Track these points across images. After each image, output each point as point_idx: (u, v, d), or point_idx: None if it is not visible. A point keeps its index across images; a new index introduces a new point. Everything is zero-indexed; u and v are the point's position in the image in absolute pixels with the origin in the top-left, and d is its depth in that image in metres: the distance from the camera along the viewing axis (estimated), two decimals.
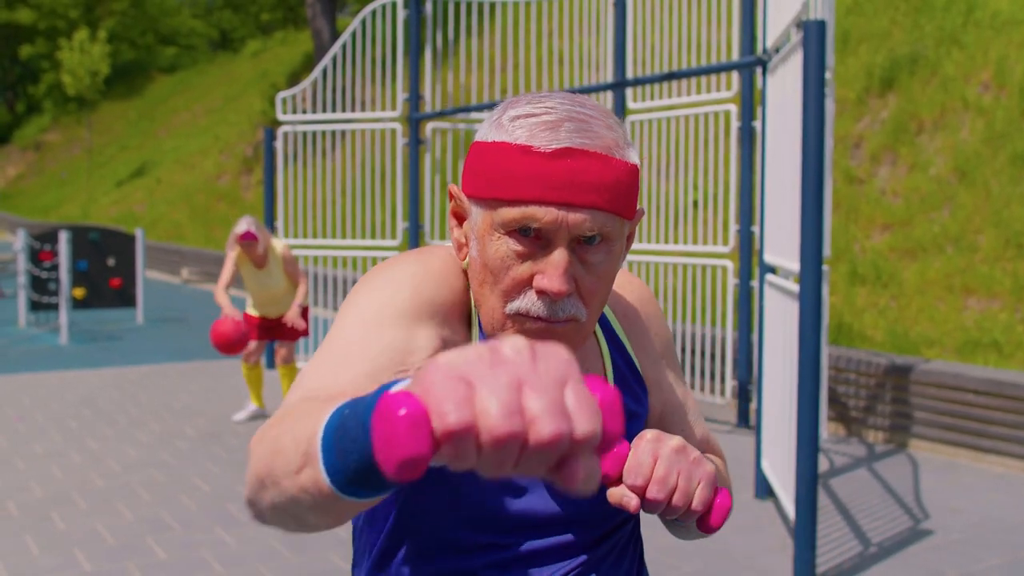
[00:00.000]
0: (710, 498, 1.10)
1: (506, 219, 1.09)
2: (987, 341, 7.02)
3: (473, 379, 0.67)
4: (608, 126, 1.11)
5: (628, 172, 1.11)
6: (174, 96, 35.50)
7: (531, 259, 1.10)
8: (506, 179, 1.08)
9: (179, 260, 19.18)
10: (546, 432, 0.66)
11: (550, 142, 1.07)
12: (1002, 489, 5.45)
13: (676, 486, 1.07)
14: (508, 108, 1.12)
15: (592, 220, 1.08)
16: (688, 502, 1.07)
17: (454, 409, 0.66)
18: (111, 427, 6.83)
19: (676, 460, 1.07)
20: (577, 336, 1.15)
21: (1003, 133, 8.35)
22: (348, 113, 8.87)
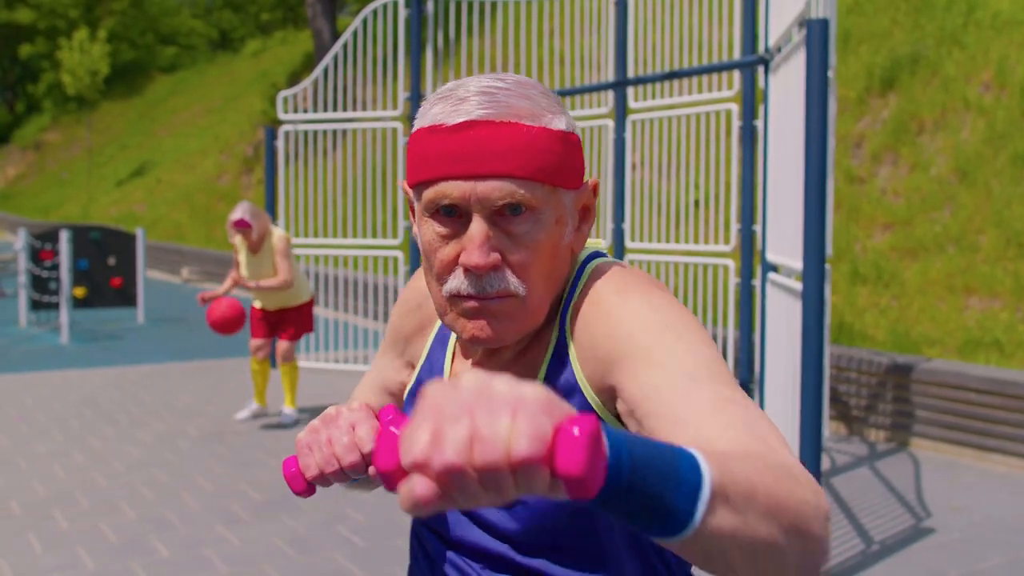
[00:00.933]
0: (543, 430, 0.70)
1: (427, 201, 1.10)
2: (988, 340, 7.03)
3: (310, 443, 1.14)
4: (523, 95, 1.09)
5: (546, 137, 1.08)
6: (174, 96, 35.50)
7: (455, 238, 1.10)
8: (421, 161, 1.10)
9: (179, 260, 19.18)
10: (347, 463, 1.11)
11: (455, 116, 1.07)
12: (1004, 488, 5.45)
13: (471, 434, 0.70)
14: (433, 94, 1.13)
15: (503, 188, 1.06)
16: (502, 451, 0.69)
17: (308, 469, 1.14)
18: (113, 426, 6.83)
19: (466, 401, 0.72)
20: (518, 313, 1.11)
21: (1004, 133, 8.35)
22: (349, 112, 8.88)
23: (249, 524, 4.81)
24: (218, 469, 5.77)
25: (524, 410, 0.71)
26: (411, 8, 8.38)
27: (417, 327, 1.34)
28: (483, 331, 1.11)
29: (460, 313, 1.12)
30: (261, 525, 4.80)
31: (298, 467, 1.14)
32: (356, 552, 4.43)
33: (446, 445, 0.70)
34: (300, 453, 1.13)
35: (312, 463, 1.12)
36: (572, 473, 0.69)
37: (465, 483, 0.70)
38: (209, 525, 4.79)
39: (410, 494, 0.71)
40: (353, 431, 1.11)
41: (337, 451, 1.11)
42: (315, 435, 1.13)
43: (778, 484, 0.85)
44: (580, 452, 0.69)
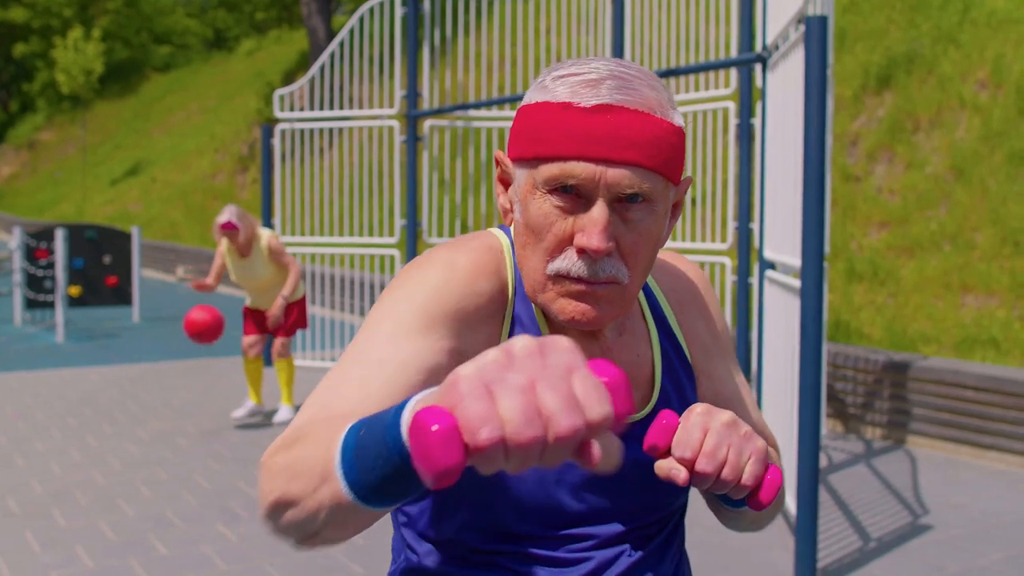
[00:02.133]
0: (760, 473, 1.08)
1: (547, 176, 1.09)
2: (985, 338, 7.04)
3: (493, 387, 0.73)
4: (651, 86, 1.11)
5: (670, 132, 1.10)
6: (169, 95, 35.44)
7: (572, 216, 1.10)
8: (546, 136, 1.09)
9: (175, 258, 19.16)
10: (563, 428, 0.72)
11: (590, 98, 1.07)
12: (1001, 485, 5.46)
13: (726, 459, 1.05)
14: (552, 71, 1.12)
15: (631, 177, 1.08)
16: (738, 476, 1.06)
17: (482, 425, 0.71)
18: (111, 425, 6.82)
19: (726, 433, 1.06)
20: (620, 299, 1.14)
21: (1000, 131, 8.37)
22: (346, 111, 8.87)
23: (248, 522, 4.81)
24: (216, 467, 5.77)
25: (757, 457, 1.09)
26: (407, 6, 8.37)
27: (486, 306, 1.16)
28: (585, 315, 1.13)
29: (563, 292, 1.12)
30: (260, 523, 4.79)
31: (454, 423, 0.72)
32: (355, 549, 4.43)
33: (711, 461, 1.06)
34: (467, 396, 0.73)
35: (493, 416, 0.71)
36: (764, 503, 1.11)
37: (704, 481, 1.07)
38: (208, 523, 4.79)
39: (671, 472, 1.06)
40: (572, 380, 0.74)
41: (549, 404, 0.72)
42: (504, 372, 0.74)
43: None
44: (773, 493, 1.10)
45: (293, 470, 0.93)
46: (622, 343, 1.23)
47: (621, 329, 1.24)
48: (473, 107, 7.85)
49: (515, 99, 7.50)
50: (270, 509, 0.97)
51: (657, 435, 1.07)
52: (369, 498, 0.85)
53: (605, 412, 0.73)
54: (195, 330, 6.16)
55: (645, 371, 1.24)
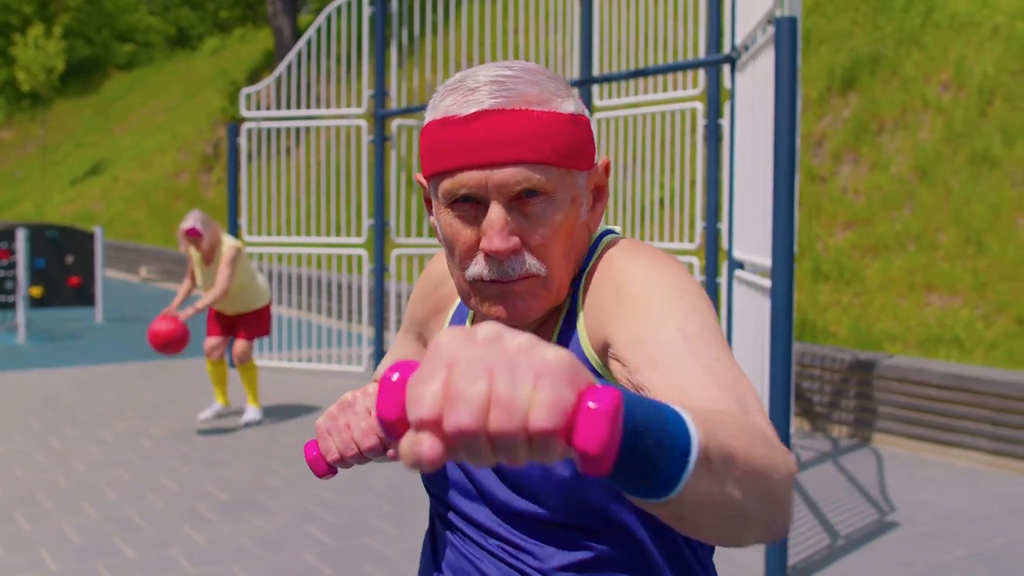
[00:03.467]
0: (565, 400, 0.66)
1: (444, 191, 1.12)
2: (948, 337, 7.12)
3: (329, 428, 1.19)
4: (531, 81, 1.11)
5: (556, 121, 1.10)
6: (131, 93, 35.07)
7: (475, 224, 1.12)
8: (435, 153, 1.12)
9: (138, 259, 18.96)
10: (365, 446, 1.16)
11: (467, 107, 1.09)
12: (966, 482, 5.53)
13: (489, 397, 0.65)
14: (441, 88, 1.15)
15: (518, 173, 1.08)
16: (520, 418, 0.65)
17: (328, 452, 1.20)
18: (75, 427, 6.73)
19: (482, 356, 0.67)
20: (542, 290, 1.14)
21: (962, 132, 8.47)
22: (313, 110, 8.82)
23: (215, 524, 4.76)
24: (182, 469, 5.71)
25: (546, 376, 0.66)
26: (375, 5, 8.34)
27: (432, 310, 1.38)
28: (509, 312, 1.15)
29: (484, 297, 1.15)
30: (228, 525, 4.75)
31: (319, 451, 1.21)
32: (326, 551, 4.40)
33: (461, 405, 0.65)
34: (320, 438, 1.20)
35: (332, 447, 1.19)
36: (590, 451, 0.66)
37: (476, 445, 0.66)
38: (175, 525, 4.73)
39: (414, 450, 0.66)
40: (370, 416, 1.17)
41: (356, 436, 1.17)
42: (333, 421, 1.20)
43: (753, 448, 0.84)
44: (601, 430, 0.65)
45: None
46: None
47: (541, 323, 1.22)
48: None
49: None
50: None
51: (383, 403, 0.70)
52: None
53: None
54: (160, 341, 6.10)
55: None
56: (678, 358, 0.98)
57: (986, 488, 5.41)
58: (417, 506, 5.04)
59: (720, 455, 0.79)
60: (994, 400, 5.82)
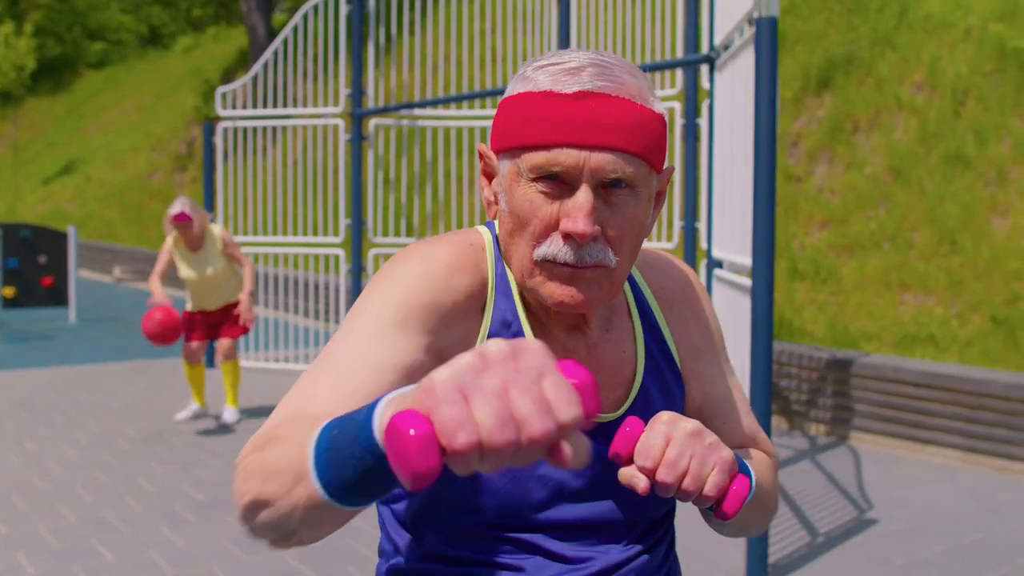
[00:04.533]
0: (724, 484, 1.08)
1: (531, 164, 1.10)
2: (924, 335, 7.18)
3: (468, 391, 0.74)
4: (631, 73, 1.12)
5: (651, 119, 1.11)
6: (103, 92, 34.78)
7: (557, 202, 1.11)
8: (530, 125, 1.10)
9: (111, 258, 18.82)
10: (536, 431, 0.73)
11: (571, 85, 1.08)
12: (942, 479, 5.57)
13: (687, 469, 1.07)
14: (532, 62, 1.13)
15: (615, 161, 1.09)
16: (700, 486, 1.07)
17: (458, 430, 0.72)
18: (49, 428, 6.67)
19: (689, 443, 1.07)
20: (607, 282, 1.14)
21: (936, 133, 8.54)
22: (290, 109, 8.78)
23: (194, 525, 4.73)
24: (159, 470, 5.67)
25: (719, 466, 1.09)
26: (352, 4, 8.31)
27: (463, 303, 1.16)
28: (574, 297, 1.13)
29: (550, 277, 1.13)
30: (206, 526, 4.72)
31: (431, 428, 0.74)
32: (306, 552, 4.38)
33: (671, 471, 1.07)
34: (443, 402, 0.74)
35: (468, 421, 0.73)
36: (729, 514, 1.12)
37: (666, 490, 1.08)
38: (153, 527, 4.70)
39: (633, 481, 1.08)
40: (546, 383, 0.76)
41: (521, 409, 0.74)
42: (476, 375, 0.75)
43: (772, 483, 1.30)
44: (739, 505, 1.11)
45: (267, 471, 0.93)
46: (608, 339, 1.23)
47: (608, 326, 1.24)
48: (419, 106, 7.81)
49: (461, 98, 7.47)
50: (246, 510, 0.97)
51: (620, 443, 1.08)
52: (343, 497, 0.86)
53: (575, 414, 0.74)
54: (157, 330, 6.05)
55: (628, 369, 1.24)
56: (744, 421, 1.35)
57: (961, 485, 5.46)
58: None
59: (759, 496, 1.25)
60: (969, 398, 5.87)
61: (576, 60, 1.10)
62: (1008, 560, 4.34)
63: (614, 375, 1.23)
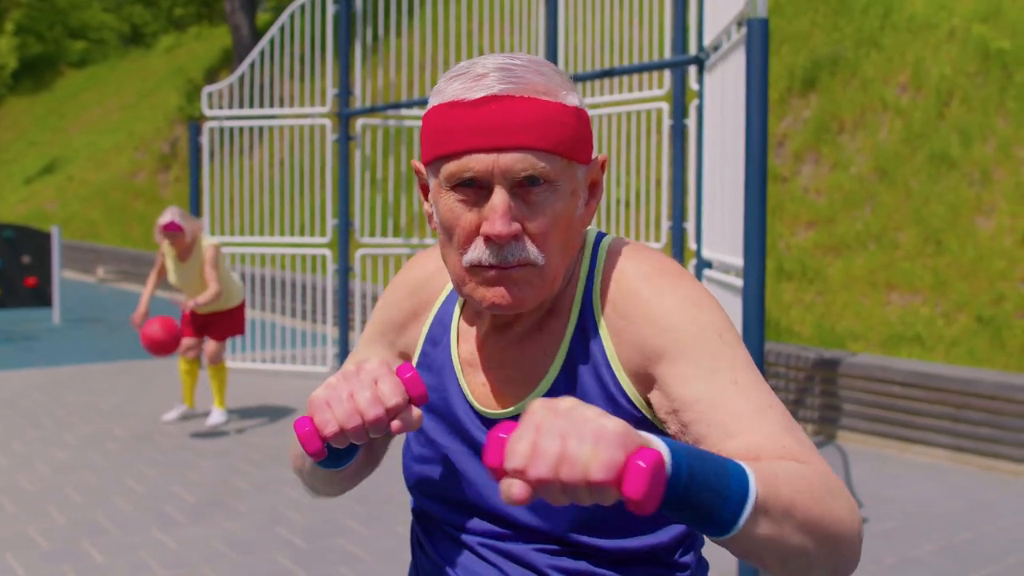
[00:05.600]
0: (615, 460, 0.86)
1: (448, 174, 1.13)
2: (910, 335, 7.23)
3: (330, 400, 1.11)
4: (538, 72, 1.13)
5: (562, 112, 1.12)
6: (85, 91, 34.59)
7: (476, 209, 1.12)
8: (441, 136, 1.12)
9: (94, 259, 18.72)
10: (370, 416, 1.10)
11: (476, 91, 1.10)
12: (930, 478, 5.61)
13: (561, 454, 0.86)
14: (446, 74, 1.16)
15: (524, 159, 1.10)
16: (583, 472, 0.86)
17: (325, 425, 1.11)
18: (37, 429, 6.63)
19: (559, 424, 0.88)
20: (537, 280, 1.14)
21: (921, 133, 8.60)
22: (277, 108, 8.76)
23: (185, 526, 4.72)
24: (149, 471, 5.65)
25: (603, 441, 0.87)
26: (340, 4, 8.30)
27: (411, 313, 1.35)
28: (503, 298, 1.14)
29: (480, 282, 1.15)
30: (197, 527, 4.71)
31: (313, 425, 1.13)
32: (298, 553, 4.38)
33: (540, 461, 0.87)
34: (316, 409, 1.12)
35: (331, 418, 1.11)
36: (634, 497, 0.86)
37: (551, 489, 0.88)
38: (143, 528, 4.68)
39: (509, 491, 0.89)
40: (376, 385, 1.11)
41: (360, 405, 1.10)
42: (333, 390, 1.12)
43: (816, 502, 1.00)
44: (643, 482, 0.86)
45: (294, 453, 1.37)
46: (533, 339, 1.22)
47: (540, 325, 1.22)
48: (406, 106, 7.81)
49: None
50: (296, 474, 1.38)
51: (489, 453, 0.91)
52: (320, 463, 1.25)
53: (397, 401, 1.11)
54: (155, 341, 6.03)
55: (539, 371, 1.22)
56: (741, 421, 1.10)
57: (950, 484, 5.50)
58: (390, 506, 5.03)
59: (780, 507, 0.97)
60: (956, 397, 5.91)
61: (483, 66, 1.12)
62: (998, 559, 4.38)
63: (529, 374, 1.22)
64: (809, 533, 0.99)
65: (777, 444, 1.08)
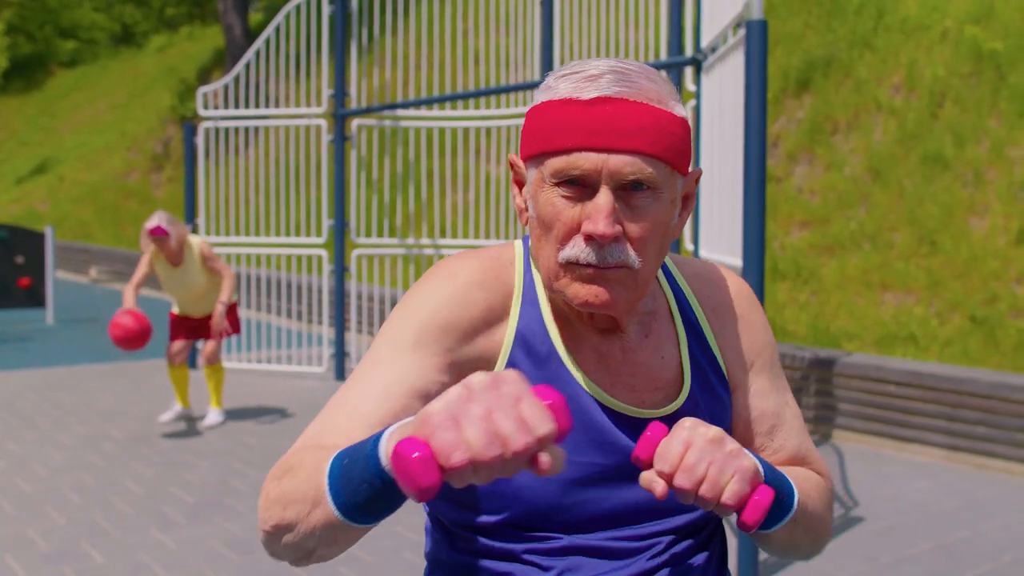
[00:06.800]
0: (744, 493, 1.07)
1: (553, 169, 1.14)
2: (904, 335, 7.26)
3: (458, 418, 0.87)
4: (650, 78, 1.15)
5: (670, 121, 1.14)
6: (76, 91, 34.51)
7: (579, 206, 1.14)
8: (551, 131, 1.13)
9: (87, 259, 18.68)
10: (517, 446, 0.86)
11: (590, 92, 1.12)
12: (925, 477, 5.64)
13: (704, 475, 1.05)
14: (556, 72, 1.17)
15: (633, 163, 1.11)
16: (718, 494, 1.05)
17: (452, 451, 0.86)
18: (32, 430, 6.63)
19: (709, 450, 1.06)
20: (632, 282, 1.16)
21: (914, 134, 8.64)
22: (272, 109, 8.76)
23: (184, 527, 4.72)
24: (146, 472, 5.65)
25: (740, 476, 1.07)
26: (335, 5, 8.30)
27: (483, 320, 1.21)
28: (598, 297, 1.15)
29: (575, 278, 1.15)
30: (197, 528, 4.71)
31: (430, 451, 0.87)
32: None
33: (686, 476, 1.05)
34: (437, 428, 0.87)
35: (461, 443, 0.86)
36: (749, 524, 1.09)
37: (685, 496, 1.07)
38: (143, 529, 4.69)
39: (651, 485, 1.06)
40: (522, 404, 0.88)
41: (503, 429, 0.87)
42: (463, 406, 0.88)
43: (823, 513, 1.28)
44: (759, 515, 1.08)
45: (286, 499, 1.06)
46: (646, 344, 1.26)
47: (647, 331, 1.26)
48: (402, 106, 7.82)
49: (444, 99, 7.49)
50: (269, 534, 1.09)
51: (642, 447, 1.08)
52: (356, 517, 0.99)
53: (549, 429, 0.88)
54: (122, 335, 5.98)
55: (669, 374, 1.26)
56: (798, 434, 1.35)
57: (945, 483, 5.53)
58: None
59: (804, 517, 1.22)
60: (950, 396, 5.95)
61: (596, 68, 1.14)
62: (994, 557, 4.41)
63: (652, 378, 1.25)
64: (810, 534, 1.26)
65: (807, 461, 1.35)
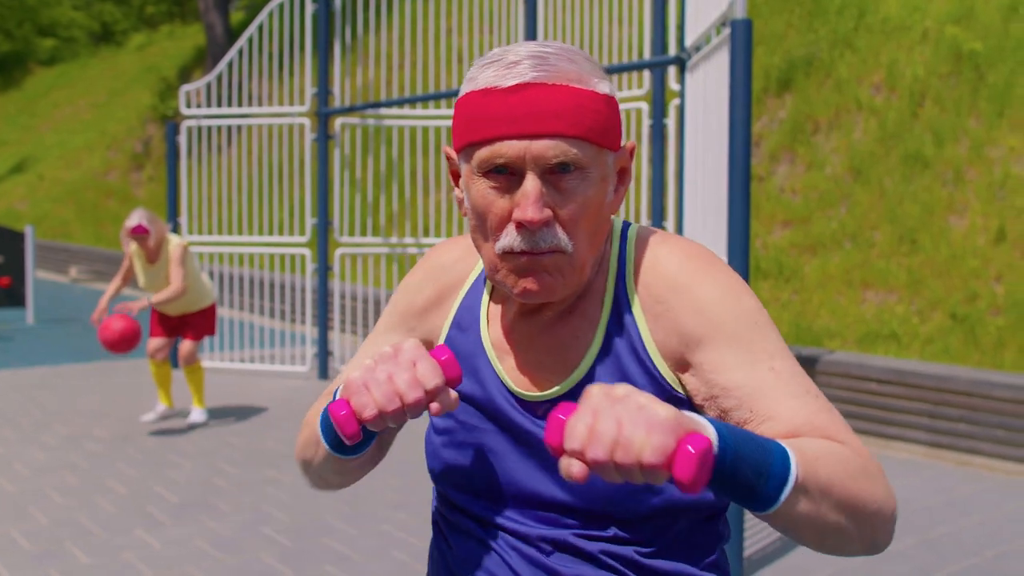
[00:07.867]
0: (667, 445, 0.92)
1: (480, 160, 1.14)
2: (886, 332, 7.31)
3: (368, 383, 1.11)
4: (570, 59, 1.15)
5: (593, 100, 1.13)
6: (55, 90, 34.28)
7: (508, 195, 1.14)
8: (474, 122, 1.14)
9: (67, 259, 18.56)
10: (410, 399, 1.10)
11: (509, 79, 1.12)
12: (908, 474, 5.69)
13: (616, 438, 0.93)
14: (478, 62, 1.18)
15: (556, 146, 1.11)
16: (636, 455, 0.92)
17: (364, 408, 1.11)
18: (14, 430, 6.59)
19: (615, 410, 0.94)
20: (567, 267, 1.16)
21: (895, 133, 8.69)
22: (255, 108, 8.74)
23: (169, 527, 4.71)
24: (130, 472, 5.63)
25: (657, 427, 0.93)
26: (318, 3, 8.29)
27: (434, 299, 1.36)
28: (534, 285, 1.16)
29: (512, 269, 1.17)
30: (181, 527, 4.70)
31: (351, 408, 1.13)
32: (284, 552, 4.38)
33: (597, 444, 0.94)
34: (354, 392, 1.12)
35: (369, 402, 1.11)
36: (684, 480, 0.93)
37: (606, 470, 0.95)
38: (127, 529, 4.67)
39: (569, 469, 0.96)
40: (414, 367, 1.11)
41: (399, 387, 1.10)
42: (371, 373, 1.12)
43: (854, 482, 1.06)
44: (692, 466, 0.92)
45: (302, 444, 1.36)
46: (564, 323, 1.24)
47: (571, 310, 1.24)
48: (385, 105, 7.81)
49: (427, 98, 7.49)
50: (301, 467, 1.37)
51: (552, 433, 0.98)
52: (340, 451, 1.26)
53: (436, 383, 1.11)
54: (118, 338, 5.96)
55: (577, 355, 1.23)
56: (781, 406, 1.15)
57: (927, 479, 5.58)
58: (376, 504, 5.04)
59: (818, 486, 1.03)
60: (932, 394, 6.00)
61: (516, 54, 1.14)
62: (976, 552, 4.45)
63: (562, 359, 1.23)
64: (845, 511, 1.06)
65: (816, 427, 1.13)
